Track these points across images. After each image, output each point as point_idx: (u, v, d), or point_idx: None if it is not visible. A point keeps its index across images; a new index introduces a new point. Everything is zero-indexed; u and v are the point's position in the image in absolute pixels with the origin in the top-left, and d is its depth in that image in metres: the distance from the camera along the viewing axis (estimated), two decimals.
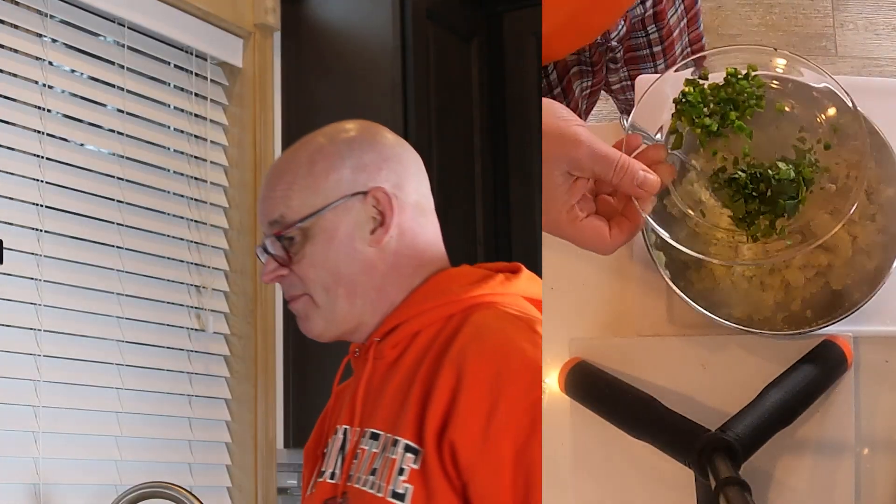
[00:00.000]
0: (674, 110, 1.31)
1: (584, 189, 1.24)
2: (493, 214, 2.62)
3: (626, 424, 1.29)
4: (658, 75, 1.34)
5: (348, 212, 1.30)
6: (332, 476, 1.29)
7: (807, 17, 3.47)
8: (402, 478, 1.19)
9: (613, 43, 1.75)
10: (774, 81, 1.33)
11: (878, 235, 1.34)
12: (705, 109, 1.30)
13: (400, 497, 1.19)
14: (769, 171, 1.27)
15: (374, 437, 1.25)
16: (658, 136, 1.31)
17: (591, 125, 1.51)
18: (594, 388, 1.34)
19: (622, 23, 1.73)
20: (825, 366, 1.29)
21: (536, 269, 1.36)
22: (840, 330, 1.31)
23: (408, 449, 1.20)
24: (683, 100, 1.30)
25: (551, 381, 1.37)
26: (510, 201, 2.63)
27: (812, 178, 1.27)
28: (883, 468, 1.30)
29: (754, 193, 1.27)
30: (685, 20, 1.83)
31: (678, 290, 1.31)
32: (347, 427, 1.30)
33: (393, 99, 2.42)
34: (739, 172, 1.28)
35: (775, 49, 1.33)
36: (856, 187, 1.26)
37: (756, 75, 1.31)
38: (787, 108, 1.31)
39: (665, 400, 1.28)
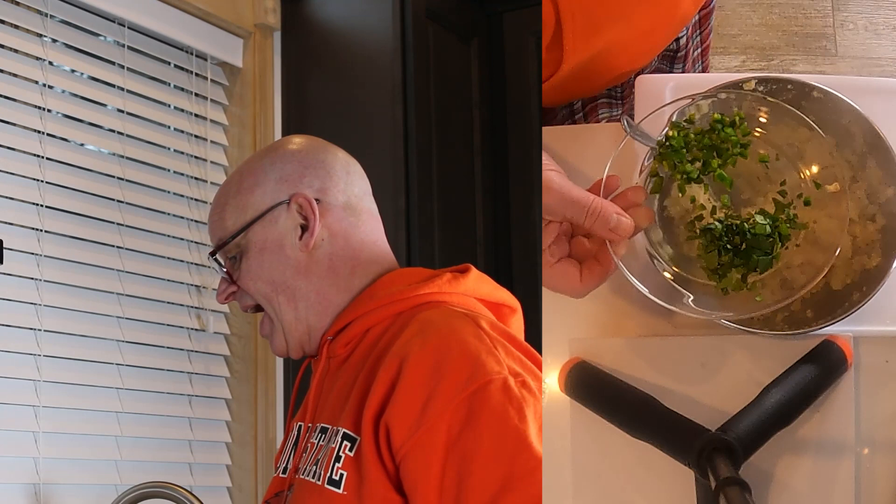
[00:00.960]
0: (656, 153, 1.30)
1: (556, 232, 1.26)
2: (493, 214, 2.62)
3: (626, 424, 1.29)
4: (657, 75, 1.33)
5: (275, 222, 1.35)
6: (284, 471, 1.33)
7: (807, 17, 3.47)
8: (338, 465, 1.21)
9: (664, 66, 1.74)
10: (761, 130, 1.32)
11: (878, 235, 1.34)
12: (688, 155, 1.29)
13: (335, 483, 1.21)
14: (745, 223, 1.26)
15: (323, 430, 1.27)
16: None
17: (594, 125, 1.51)
18: (594, 388, 1.34)
19: (657, 59, 1.72)
20: (825, 366, 1.29)
21: (536, 268, 1.36)
22: (840, 330, 1.31)
23: (346, 437, 1.22)
24: (666, 143, 1.29)
25: (551, 381, 1.37)
26: (510, 201, 2.63)
27: (788, 234, 1.27)
28: (883, 468, 1.30)
29: (728, 246, 1.26)
30: (699, 49, 1.82)
31: (679, 290, 1.31)
32: (302, 423, 1.34)
33: (393, 99, 2.41)
34: (716, 223, 1.27)
35: (766, 98, 1.32)
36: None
37: (743, 123, 1.30)
38: (770, 159, 1.31)
39: (665, 400, 1.28)
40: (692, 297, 1.29)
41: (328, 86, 2.48)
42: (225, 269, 1.37)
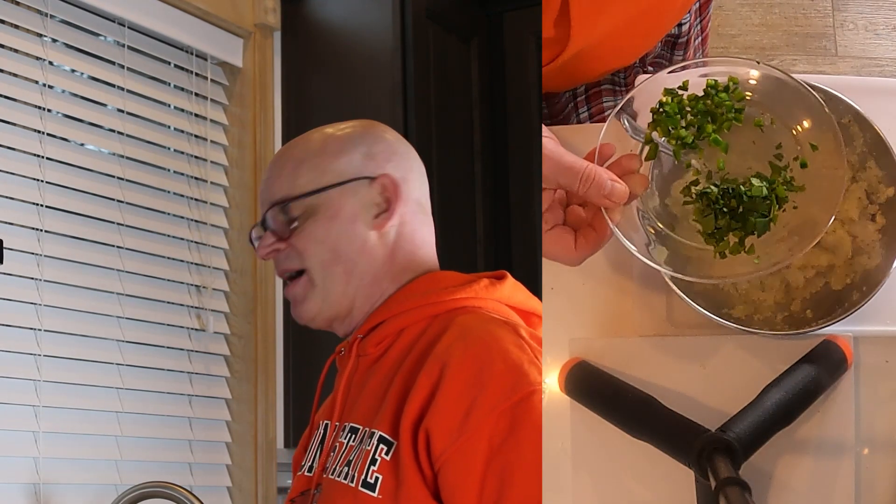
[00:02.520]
0: (650, 120, 1.29)
1: (550, 199, 1.25)
2: (493, 214, 2.62)
3: (626, 424, 1.29)
4: (650, 75, 1.33)
5: (355, 193, 1.32)
6: (310, 469, 1.31)
7: (807, 17, 3.47)
8: (374, 468, 1.20)
9: (650, 67, 1.73)
10: (752, 94, 1.30)
11: (878, 235, 1.34)
12: (682, 121, 1.28)
13: (370, 486, 1.20)
14: (741, 187, 1.25)
15: (354, 430, 1.26)
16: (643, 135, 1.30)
17: (593, 125, 1.50)
18: (594, 388, 1.34)
19: (660, 44, 1.71)
20: (825, 366, 1.29)
21: (536, 268, 1.36)
22: (840, 330, 1.31)
23: (382, 440, 1.21)
24: (660, 109, 1.28)
25: (551, 381, 1.37)
26: (510, 201, 2.63)
27: (785, 196, 1.25)
28: (883, 468, 1.30)
29: (725, 209, 1.25)
30: (699, 38, 1.81)
31: (678, 290, 1.31)
32: (328, 422, 1.32)
33: (393, 99, 2.41)
34: (711, 187, 1.26)
35: (758, 62, 1.30)
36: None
37: (737, 88, 1.28)
38: (765, 123, 1.29)
39: (665, 400, 1.28)
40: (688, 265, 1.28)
41: (328, 86, 2.48)
42: (283, 223, 1.32)
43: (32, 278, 2.00)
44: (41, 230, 2.02)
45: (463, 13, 2.66)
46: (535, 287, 1.39)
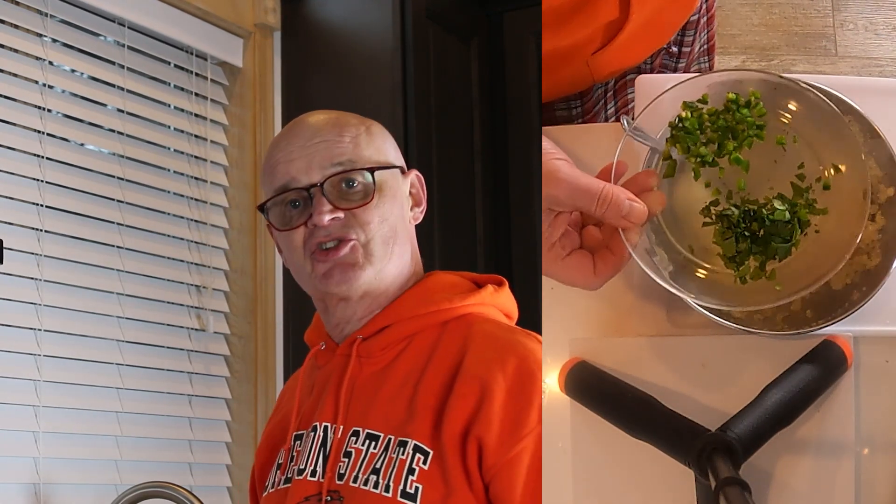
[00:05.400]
0: (669, 135, 1.25)
1: (566, 224, 1.22)
2: (493, 214, 2.62)
3: (626, 424, 1.29)
4: (657, 75, 1.32)
5: (402, 181, 1.33)
6: (314, 474, 1.26)
7: (807, 17, 3.47)
8: (413, 478, 1.19)
9: (673, 48, 1.72)
10: (782, 113, 1.26)
11: (878, 235, 1.34)
12: (702, 137, 1.24)
13: (410, 497, 1.19)
14: (763, 210, 1.22)
15: (372, 437, 1.23)
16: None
17: (594, 125, 1.49)
18: (594, 388, 1.34)
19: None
20: (825, 366, 1.29)
21: (536, 268, 1.36)
22: (840, 330, 1.31)
23: (418, 450, 1.20)
24: (680, 125, 1.24)
25: (551, 381, 1.37)
26: (510, 201, 2.63)
27: (808, 220, 1.22)
28: (883, 468, 1.30)
29: (746, 233, 1.22)
30: (705, 18, 1.79)
31: (678, 291, 1.31)
32: (328, 424, 1.27)
33: (393, 99, 2.41)
34: (733, 208, 1.23)
35: (780, 76, 1.26)
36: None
37: (759, 103, 1.25)
38: (787, 141, 1.26)
39: (665, 400, 1.28)
40: (700, 289, 1.26)
41: (328, 86, 2.48)
42: (337, 193, 1.25)
43: (32, 278, 2.00)
44: (41, 230, 2.02)
45: (463, 13, 2.66)
46: (535, 287, 1.39)
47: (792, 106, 1.27)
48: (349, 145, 1.28)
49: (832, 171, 1.25)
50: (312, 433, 1.28)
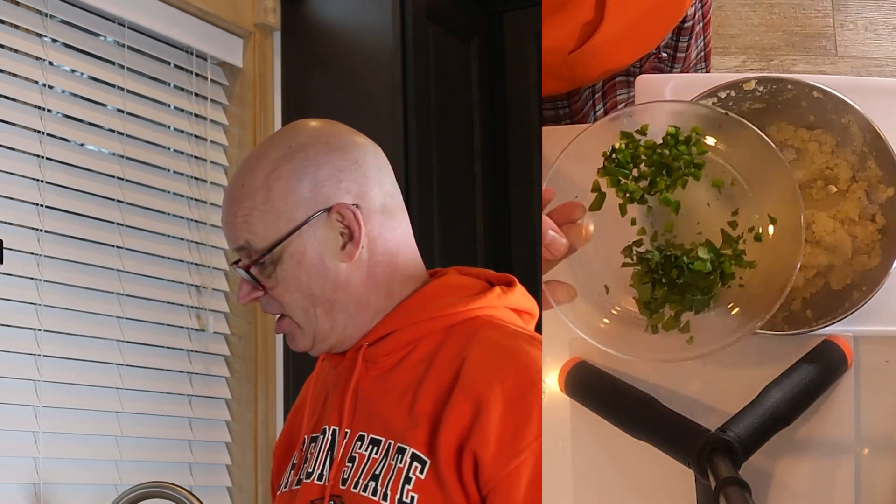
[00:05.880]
0: (600, 165, 1.19)
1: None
2: (493, 214, 2.62)
3: (626, 424, 1.29)
4: (657, 75, 1.32)
5: (315, 232, 1.26)
6: (320, 477, 1.26)
7: (807, 17, 3.47)
8: (409, 487, 1.19)
9: (663, 54, 1.72)
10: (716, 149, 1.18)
11: (878, 235, 1.34)
12: (634, 172, 1.17)
13: None
14: (685, 257, 1.15)
15: (374, 442, 1.23)
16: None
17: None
18: (594, 388, 1.34)
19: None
20: (825, 366, 1.29)
21: (536, 268, 1.36)
22: (840, 330, 1.31)
23: (415, 458, 1.20)
24: (612, 156, 1.18)
25: (551, 381, 1.37)
26: (510, 201, 2.63)
27: (732, 273, 1.15)
28: (883, 468, 1.30)
29: (664, 280, 1.16)
30: (701, 24, 1.79)
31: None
32: (336, 428, 1.28)
33: (393, 99, 2.41)
34: (655, 252, 1.17)
35: (725, 113, 1.18)
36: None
37: (699, 140, 1.17)
38: (725, 184, 1.19)
39: (665, 400, 1.28)
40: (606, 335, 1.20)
41: (328, 86, 2.48)
42: (250, 275, 1.27)
43: (32, 278, 2.00)
44: (41, 230, 2.02)
45: (463, 13, 2.66)
46: (534, 287, 1.39)
47: (734, 144, 1.20)
48: (242, 225, 1.27)
49: (768, 223, 1.18)
50: (322, 437, 1.29)
